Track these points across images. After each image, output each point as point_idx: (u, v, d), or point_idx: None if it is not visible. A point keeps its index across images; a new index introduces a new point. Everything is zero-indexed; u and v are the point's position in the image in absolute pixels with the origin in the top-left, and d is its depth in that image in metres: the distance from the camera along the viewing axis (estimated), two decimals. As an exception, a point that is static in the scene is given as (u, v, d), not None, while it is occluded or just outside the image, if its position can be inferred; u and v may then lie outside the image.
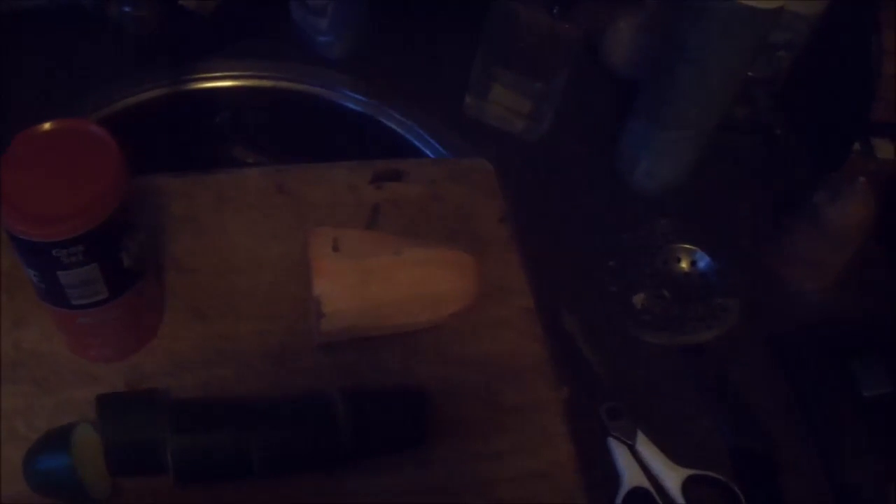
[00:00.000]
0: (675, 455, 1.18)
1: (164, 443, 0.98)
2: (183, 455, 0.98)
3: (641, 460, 1.18)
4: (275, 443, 1.02)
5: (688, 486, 1.17)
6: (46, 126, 0.97)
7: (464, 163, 1.41)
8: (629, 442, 1.19)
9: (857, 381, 1.27)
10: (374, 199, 1.32)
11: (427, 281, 1.16)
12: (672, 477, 1.17)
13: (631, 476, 1.16)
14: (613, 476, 1.17)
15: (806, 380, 1.30)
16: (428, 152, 1.56)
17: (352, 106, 1.63)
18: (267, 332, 1.18)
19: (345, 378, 1.14)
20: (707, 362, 1.30)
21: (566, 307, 1.31)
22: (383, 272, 1.14)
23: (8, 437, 1.05)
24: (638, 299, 1.34)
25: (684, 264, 1.39)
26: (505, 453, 1.11)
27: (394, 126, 1.60)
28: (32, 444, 1.01)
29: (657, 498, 1.16)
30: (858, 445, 1.24)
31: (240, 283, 1.22)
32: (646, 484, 1.16)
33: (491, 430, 1.13)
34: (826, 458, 1.24)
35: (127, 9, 1.37)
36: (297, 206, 1.30)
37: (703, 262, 1.39)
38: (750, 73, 1.46)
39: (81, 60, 1.59)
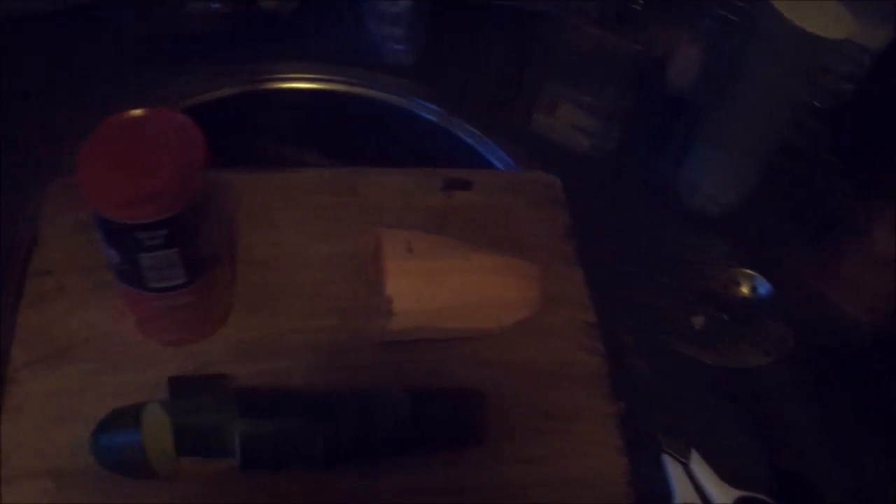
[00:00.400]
0: (720, 474, 1.19)
1: (232, 427, 1.01)
2: (249, 439, 1.00)
3: (694, 478, 1.19)
4: (338, 433, 1.04)
5: (738, 506, 1.18)
6: (134, 112, 1.00)
7: (531, 176, 1.43)
8: (683, 460, 1.19)
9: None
10: (441, 205, 1.34)
11: (494, 287, 1.18)
12: (723, 497, 1.17)
13: (682, 493, 1.17)
14: (664, 492, 1.18)
15: (856, 408, 1.30)
16: (496, 163, 1.57)
17: (422, 114, 1.64)
18: (330, 328, 1.20)
19: (402, 376, 1.16)
20: (759, 385, 1.31)
21: (623, 324, 1.32)
22: (452, 276, 1.16)
23: (74, 413, 1.07)
24: (697, 321, 1.35)
25: (744, 289, 1.40)
26: (556, 461, 1.12)
27: (463, 136, 1.61)
28: (102, 419, 1.03)
29: (707, 516, 1.18)
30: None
31: (306, 278, 1.24)
32: (697, 502, 1.17)
33: (544, 437, 1.14)
34: (867, 484, 1.25)
35: (215, 5, 1.39)
36: (365, 208, 1.33)
37: (763, 288, 1.39)
38: (815, 103, 1.47)
39: (155, 54, 1.62)
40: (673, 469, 1.19)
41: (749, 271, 1.41)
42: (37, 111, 1.49)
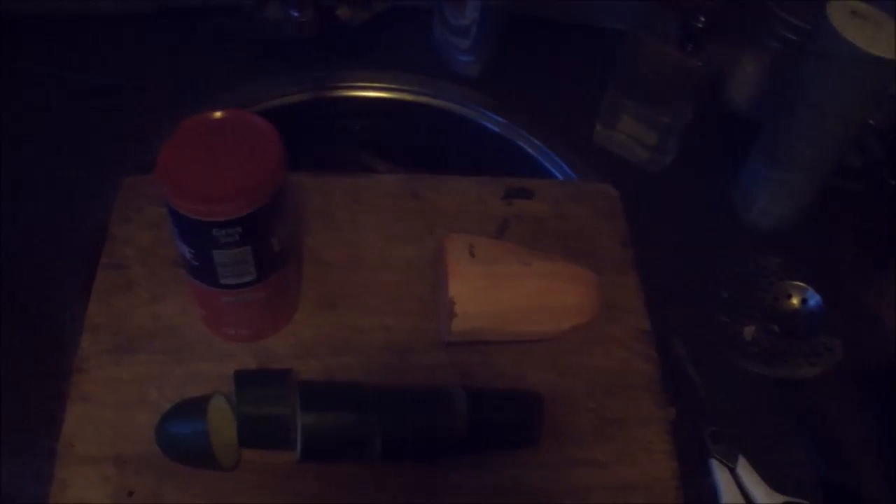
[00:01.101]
0: (767, 480, 1.20)
1: (294, 420, 1.04)
2: (311, 432, 1.03)
3: (740, 483, 1.20)
4: (397, 428, 1.06)
5: (783, 511, 1.19)
6: (213, 114, 1.03)
7: (589, 186, 1.45)
8: (730, 465, 1.21)
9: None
10: (501, 212, 1.37)
11: (553, 292, 1.20)
12: (768, 502, 1.19)
13: (729, 497, 1.18)
14: (711, 496, 1.20)
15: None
16: (555, 173, 1.59)
17: (485, 124, 1.67)
18: (391, 327, 1.23)
19: (462, 377, 1.18)
20: (806, 396, 1.32)
21: (676, 332, 1.34)
22: (513, 280, 1.18)
23: (139, 402, 1.11)
24: (748, 332, 1.36)
25: (794, 301, 1.41)
26: (608, 463, 1.14)
27: (524, 146, 1.63)
28: (169, 409, 1.07)
29: (752, 520, 1.19)
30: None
31: (369, 279, 1.27)
32: (742, 506, 1.20)
33: (597, 440, 1.16)
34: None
35: (295, 13, 1.42)
36: (428, 213, 1.35)
37: (813, 300, 1.40)
38: (871, 122, 1.48)
39: (229, 58, 1.66)
40: (720, 473, 1.20)
41: (800, 284, 1.42)
42: (114, 111, 1.53)
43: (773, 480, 1.21)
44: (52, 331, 1.22)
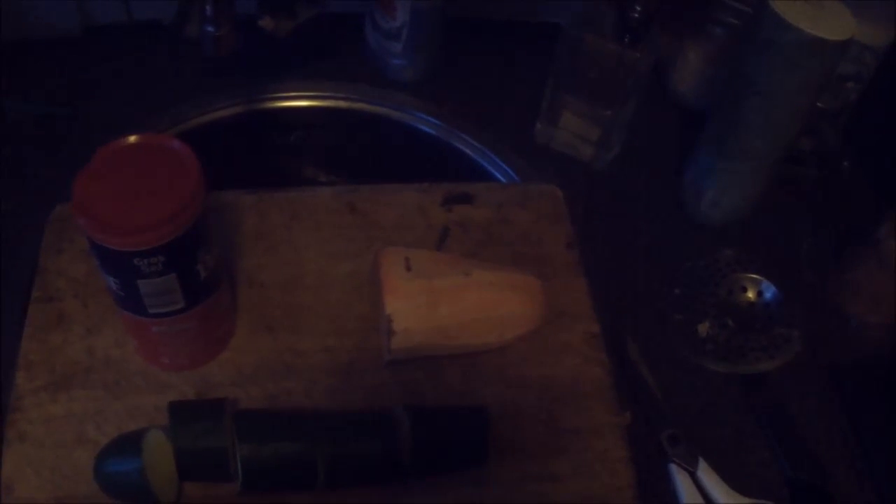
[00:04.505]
0: (730, 483, 1.18)
1: (232, 450, 1.01)
2: (250, 463, 1.00)
3: (702, 487, 1.18)
4: (339, 454, 1.03)
5: (747, 514, 1.17)
6: (130, 140, 1.00)
7: (532, 188, 1.42)
8: (690, 468, 1.19)
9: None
10: (443, 220, 1.34)
11: (495, 303, 1.17)
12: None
13: (690, 502, 1.17)
14: (672, 502, 1.18)
15: (865, 413, 1.30)
16: (497, 176, 1.57)
17: (423, 128, 1.65)
18: (334, 348, 1.19)
19: (409, 395, 1.16)
20: (767, 392, 1.30)
21: (630, 334, 1.32)
22: (453, 293, 1.15)
23: (78, 439, 1.07)
24: (702, 328, 1.35)
25: (750, 294, 1.39)
26: (564, 475, 1.11)
27: (464, 149, 1.61)
28: (104, 446, 1.03)
29: (716, 524, 1.17)
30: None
31: (309, 299, 1.24)
32: (704, 509, 1.17)
33: (551, 452, 1.13)
34: (881, 492, 1.24)
35: (210, 28, 1.39)
36: (367, 226, 1.32)
37: (769, 292, 1.39)
38: (819, 105, 1.46)
39: (159, 77, 1.63)
40: (680, 477, 1.18)
41: (754, 276, 1.40)
42: (49, 137, 1.50)
43: (738, 481, 1.19)
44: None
